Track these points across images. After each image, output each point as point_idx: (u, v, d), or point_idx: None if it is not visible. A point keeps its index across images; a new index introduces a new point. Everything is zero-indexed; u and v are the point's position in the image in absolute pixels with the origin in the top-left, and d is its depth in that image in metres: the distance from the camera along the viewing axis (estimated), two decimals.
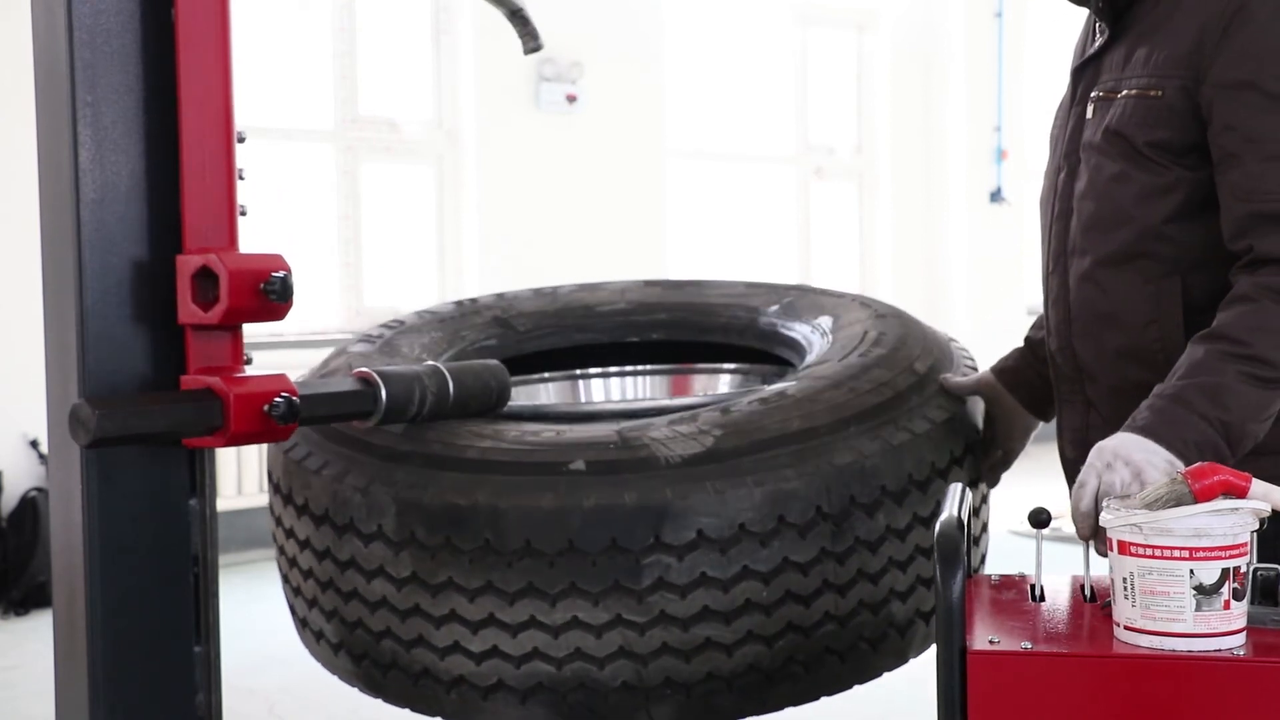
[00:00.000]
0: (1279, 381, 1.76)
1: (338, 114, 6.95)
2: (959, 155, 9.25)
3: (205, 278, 1.73)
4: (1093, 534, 1.67)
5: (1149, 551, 1.45)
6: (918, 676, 2.06)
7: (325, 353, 3.67)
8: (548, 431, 2.06)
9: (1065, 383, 2.06)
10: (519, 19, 2.24)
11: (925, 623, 2.14)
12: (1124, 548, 1.47)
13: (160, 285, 1.77)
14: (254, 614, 4.61)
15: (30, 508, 5.72)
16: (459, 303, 2.75)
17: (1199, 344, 1.80)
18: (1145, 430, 1.73)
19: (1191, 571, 1.44)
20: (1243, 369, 1.75)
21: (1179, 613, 1.44)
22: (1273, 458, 1.81)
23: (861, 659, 2.07)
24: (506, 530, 1.95)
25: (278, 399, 1.72)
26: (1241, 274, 1.81)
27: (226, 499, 6.11)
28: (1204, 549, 1.44)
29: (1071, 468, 2.05)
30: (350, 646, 2.16)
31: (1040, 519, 1.65)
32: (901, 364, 2.22)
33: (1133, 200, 1.92)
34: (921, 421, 2.12)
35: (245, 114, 4.86)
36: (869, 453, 2.03)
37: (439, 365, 2.08)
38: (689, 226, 8.37)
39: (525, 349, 2.69)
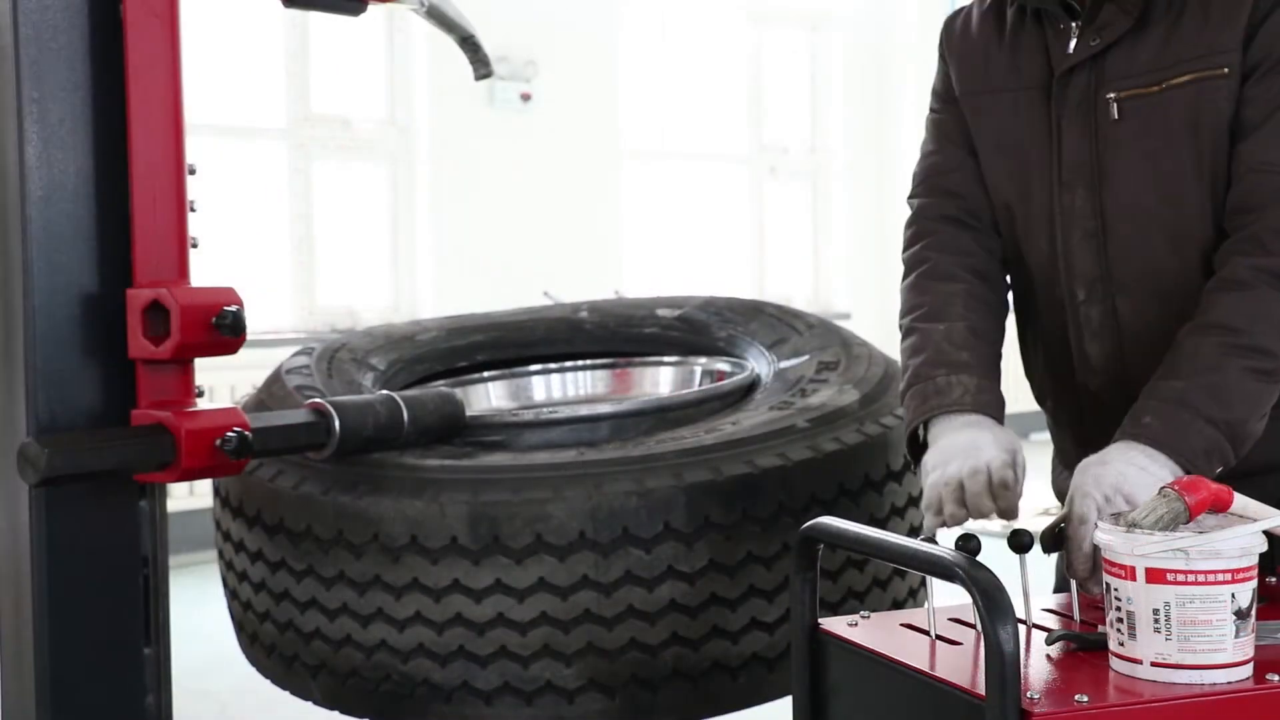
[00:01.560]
0: (1279, 374, 1.65)
1: (290, 111, 6.91)
2: (912, 155, 9.27)
3: (156, 312, 1.72)
4: (1090, 574, 1.55)
5: (1193, 578, 1.35)
6: None
7: (278, 352, 3.65)
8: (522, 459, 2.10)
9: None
10: (470, 45, 2.24)
11: None
12: (1158, 576, 1.36)
13: (110, 319, 1.76)
14: (205, 616, 4.59)
15: None
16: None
17: (1194, 336, 1.67)
18: (1153, 441, 1.61)
19: (1233, 595, 1.35)
20: (1244, 363, 1.63)
21: (1220, 642, 1.36)
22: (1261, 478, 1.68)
23: None
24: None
25: (229, 434, 1.72)
26: (1237, 252, 1.69)
27: (177, 500, 6.09)
28: (1245, 570, 1.36)
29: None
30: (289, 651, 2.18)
31: (1021, 542, 1.52)
32: None
33: (1197, 206, 1.75)
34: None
35: (197, 111, 4.81)
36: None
37: (393, 394, 2.09)
38: (645, 226, 8.37)
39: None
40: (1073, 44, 1.83)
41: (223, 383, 6.25)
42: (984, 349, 1.87)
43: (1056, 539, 1.61)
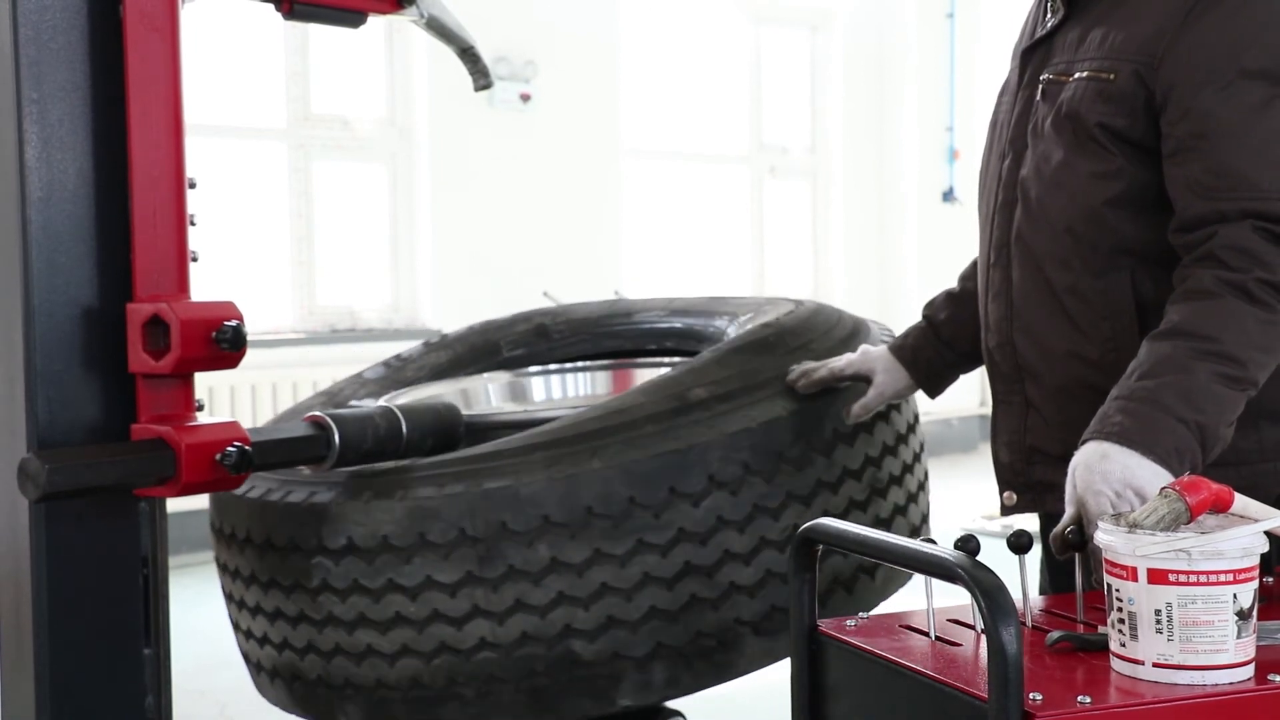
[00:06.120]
0: (1246, 382, 1.68)
1: (290, 111, 6.90)
2: (912, 155, 9.30)
3: (156, 326, 1.72)
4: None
5: (1195, 579, 1.35)
6: None
7: (278, 353, 3.64)
8: None
9: (1002, 382, 1.97)
10: (469, 56, 2.25)
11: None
12: (1159, 577, 1.36)
13: (111, 333, 1.76)
14: (204, 616, 4.60)
15: None
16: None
17: (1162, 340, 1.70)
18: (1125, 438, 1.62)
19: (1235, 596, 1.35)
20: (1214, 368, 1.66)
21: (1222, 642, 1.35)
22: (1232, 469, 1.73)
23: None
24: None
25: (229, 448, 1.72)
26: (1198, 267, 1.73)
27: (176, 500, 6.07)
28: (1246, 570, 1.36)
29: (1006, 471, 1.98)
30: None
31: (1020, 542, 1.54)
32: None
33: (1079, 188, 1.84)
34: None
35: (197, 111, 4.80)
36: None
37: (391, 406, 2.09)
38: (645, 226, 8.37)
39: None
40: (1046, 23, 1.96)
41: (223, 382, 6.26)
42: (951, 310, 2.21)
43: (1069, 543, 1.61)
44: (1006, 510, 1.98)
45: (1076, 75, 1.86)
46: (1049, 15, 1.96)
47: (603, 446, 2.03)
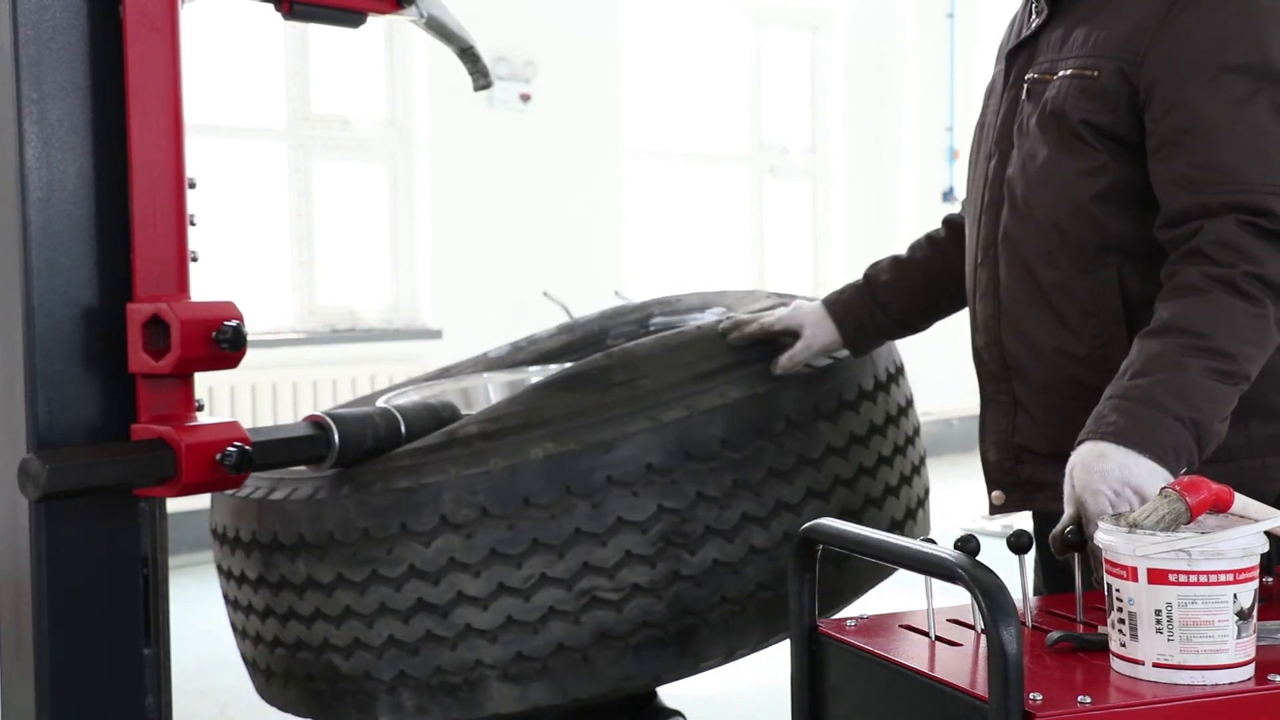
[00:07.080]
0: (1238, 376, 1.68)
1: (290, 111, 6.90)
2: (911, 155, 9.30)
3: (156, 326, 1.72)
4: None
5: (1195, 579, 1.35)
6: None
7: (278, 353, 3.64)
8: None
9: (990, 381, 1.98)
10: (469, 56, 2.25)
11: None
12: (1159, 577, 1.36)
13: (111, 333, 1.76)
14: (204, 615, 4.60)
15: None
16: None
17: (1152, 338, 1.70)
18: (1121, 437, 1.62)
19: (1235, 596, 1.36)
20: (1206, 363, 1.66)
21: (1222, 642, 1.36)
22: (1221, 466, 1.74)
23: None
24: None
25: (230, 448, 1.73)
26: (1185, 263, 1.73)
27: (176, 500, 6.06)
28: (1247, 570, 1.36)
29: (994, 470, 1.98)
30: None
31: (1020, 543, 1.54)
32: None
33: (1065, 186, 1.85)
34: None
35: (197, 112, 4.81)
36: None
37: (389, 407, 2.10)
38: (645, 226, 8.37)
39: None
40: (1031, 23, 1.98)
41: (223, 382, 6.25)
42: (893, 274, 2.24)
43: (1068, 543, 1.61)
44: (995, 510, 1.99)
45: (1060, 74, 1.87)
46: (1033, 15, 1.98)
47: (359, 475, 2.06)
